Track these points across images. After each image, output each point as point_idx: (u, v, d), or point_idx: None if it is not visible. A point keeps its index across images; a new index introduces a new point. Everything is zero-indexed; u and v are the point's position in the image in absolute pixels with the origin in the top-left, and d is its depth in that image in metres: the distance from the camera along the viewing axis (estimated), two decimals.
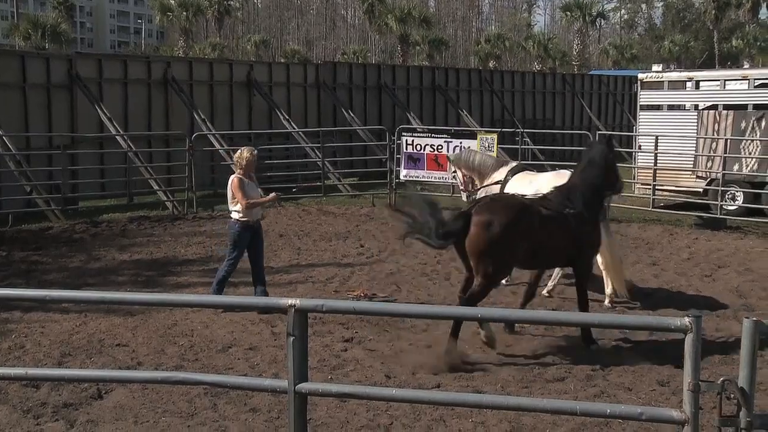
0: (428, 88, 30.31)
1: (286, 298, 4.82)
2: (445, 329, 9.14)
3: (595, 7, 71.70)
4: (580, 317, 7.61)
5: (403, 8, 66.81)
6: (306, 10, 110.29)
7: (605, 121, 36.53)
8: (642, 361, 8.17)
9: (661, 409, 5.39)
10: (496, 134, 18.81)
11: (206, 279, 11.96)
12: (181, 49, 63.98)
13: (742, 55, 75.81)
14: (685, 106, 19.44)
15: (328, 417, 6.71)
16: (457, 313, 6.94)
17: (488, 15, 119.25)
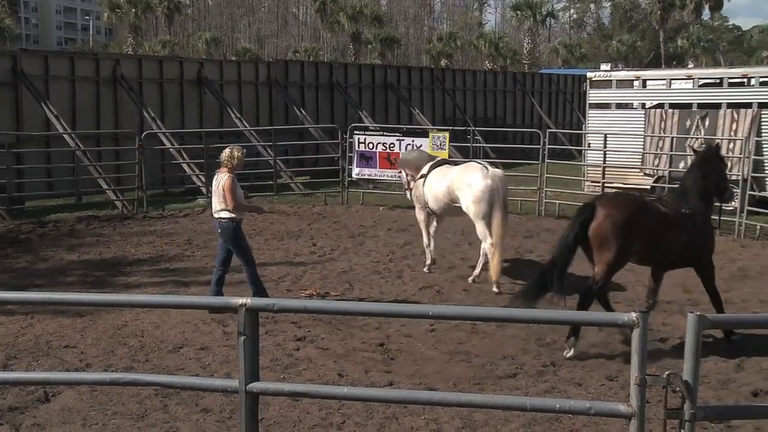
0: (380, 86, 30.35)
1: (237, 298, 4.80)
2: (397, 327, 9.20)
3: (544, 6, 72.49)
4: (531, 314, 7.66)
5: (355, 6, 66.84)
6: (257, 8, 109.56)
7: (555, 120, 36.97)
8: (592, 356, 8.30)
9: (609, 403, 5.47)
10: (447, 132, 18.92)
11: (157, 279, 11.85)
12: (130, 47, 63.16)
13: (686, 54, 77.32)
14: (633, 104, 19.79)
15: (281, 416, 6.69)
16: (409, 311, 6.95)
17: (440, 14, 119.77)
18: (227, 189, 9.81)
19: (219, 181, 9.94)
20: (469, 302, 10.55)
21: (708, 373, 7.72)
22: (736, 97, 18.00)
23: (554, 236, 15.24)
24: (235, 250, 10.04)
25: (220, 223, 9.94)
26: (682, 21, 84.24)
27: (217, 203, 9.93)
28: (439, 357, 8.29)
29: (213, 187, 10.10)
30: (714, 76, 19.45)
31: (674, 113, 18.29)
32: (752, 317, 7.19)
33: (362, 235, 15.46)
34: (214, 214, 10.03)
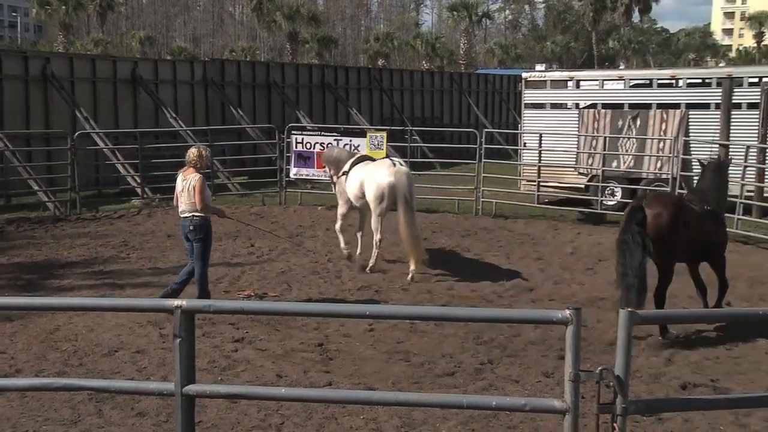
0: (318, 86, 30.29)
1: (173, 300, 4.75)
2: (336, 327, 9.20)
3: (480, 7, 73.25)
4: (468, 313, 7.75)
5: (292, 6, 66.54)
6: (192, 7, 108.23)
7: (492, 119, 37.37)
8: (529, 353, 8.43)
9: (544, 399, 5.57)
10: (385, 132, 18.95)
11: (91, 281, 11.63)
12: (61, 45, 61.77)
13: (618, 56, 79.02)
14: (567, 104, 20.10)
15: (218, 419, 6.64)
16: (347, 311, 6.97)
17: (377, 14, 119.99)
18: (198, 190, 9.76)
19: (189, 180, 9.85)
20: (407, 302, 10.60)
21: (640, 367, 7.91)
22: (665, 97, 18.46)
23: (490, 235, 15.49)
24: (201, 245, 9.95)
25: (193, 221, 9.86)
26: (614, 23, 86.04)
27: (188, 203, 9.84)
28: (377, 356, 8.32)
29: (179, 186, 9.97)
30: (644, 77, 19.91)
31: (607, 113, 18.65)
32: (681, 313, 7.39)
33: (300, 235, 15.41)
34: (184, 213, 9.92)
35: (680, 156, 15.94)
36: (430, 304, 10.25)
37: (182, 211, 9.93)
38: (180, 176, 10.00)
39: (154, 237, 15.20)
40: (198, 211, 9.83)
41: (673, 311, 8.68)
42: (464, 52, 71.73)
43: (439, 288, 11.34)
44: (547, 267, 12.82)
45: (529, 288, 11.38)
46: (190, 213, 9.88)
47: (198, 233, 9.89)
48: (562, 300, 10.62)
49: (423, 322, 9.16)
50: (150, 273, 12.24)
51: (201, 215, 9.85)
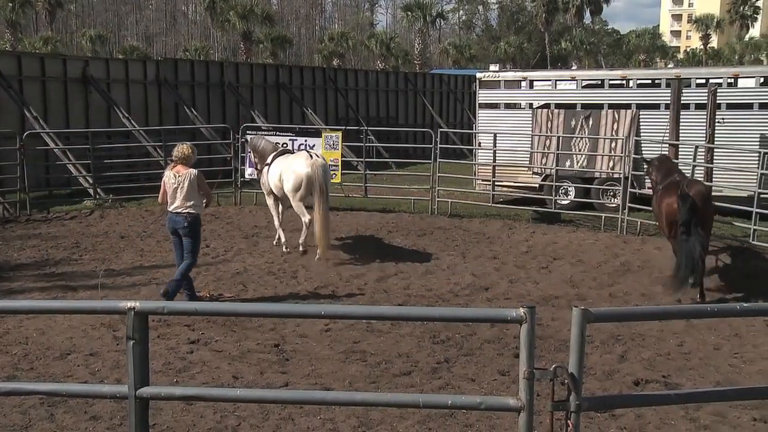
0: (272, 86, 30.15)
1: (126, 301, 4.69)
2: (292, 328, 9.17)
3: (434, 7, 73.57)
4: (424, 312, 7.78)
5: (246, 5, 66.10)
6: (144, 5, 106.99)
7: (447, 119, 37.54)
8: (485, 352, 8.49)
9: (499, 397, 5.62)
10: (340, 132, 18.95)
11: (42, 284, 11.44)
12: (8, 43, 60.60)
13: (570, 56, 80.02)
14: (521, 104, 20.27)
15: (174, 421, 6.58)
16: (302, 311, 6.94)
17: (331, 14, 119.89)
18: (203, 183, 10.34)
19: (186, 177, 10.15)
20: (363, 301, 10.61)
21: (593, 365, 8.02)
22: (616, 97, 18.72)
23: (446, 234, 15.57)
24: (193, 240, 10.29)
25: (188, 217, 10.15)
26: (566, 24, 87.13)
27: (182, 199, 10.13)
28: (334, 356, 8.31)
29: (171, 183, 10.19)
30: (596, 77, 20.15)
31: (560, 113, 18.86)
32: (633, 310, 7.50)
33: (256, 235, 15.32)
34: (178, 209, 10.15)
35: (632, 155, 16.18)
36: (386, 304, 10.27)
37: (175, 207, 10.15)
38: (169, 173, 10.23)
39: (107, 238, 15.00)
40: (196, 206, 10.21)
41: (627, 309, 8.81)
42: (419, 52, 72.08)
43: (395, 287, 11.37)
44: (502, 266, 12.92)
45: (484, 287, 11.46)
46: (184, 209, 10.16)
47: (192, 228, 10.23)
48: (518, 299, 10.72)
49: (379, 321, 9.19)
50: (103, 274, 12.07)
51: (195, 211, 10.23)
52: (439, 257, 13.54)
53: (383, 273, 12.23)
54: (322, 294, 10.97)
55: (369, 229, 16.07)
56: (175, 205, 10.17)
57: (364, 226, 16.42)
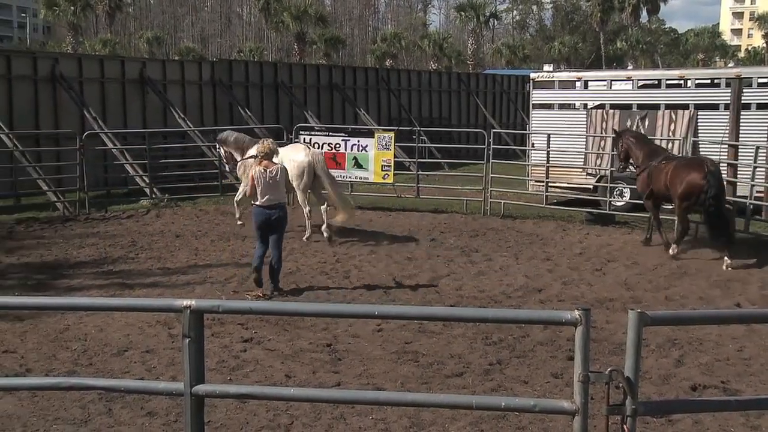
0: (325, 86, 30.30)
1: (182, 299, 4.75)
2: (344, 327, 9.21)
3: (488, 7, 73.20)
4: (478, 313, 7.75)
5: (299, 6, 66.57)
6: (200, 7, 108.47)
7: (500, 120, 37.32)
8: (537, 354, 8.41)
9: (553, 400, 5.56)
10: (393, 133, 18.96)
11: (100, 281, 11.67)
12: (69, 45, 61.98)
13: (626, 56, 78.88)
14: (575, 105, 20.05)
15: (227, 419, 6.64)
16: (356, 311, 6.96)
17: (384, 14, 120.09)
18: (294, 176, 11.39)
19: (276, 171, 10.69)
20: (415, 302, 10.60)
21: (649, 369, 7.89)
22: (673, 98, 18.40)
23: (499, 235, 15.49)
24: (281, 232, 10.99)
25: (279, 210, 10.78)
26: (622, 23, 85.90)
27: (274, 192, 10.69)
28: (386, 357, 8.31)
29: (263, 178, 10.61)
30: (652, 77, 19.85)
31: (615, 113, 18.61)
32: (691, 314, 7.36)
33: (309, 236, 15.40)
34: (270, 202, 10.67)
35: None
36: (438, 305, 10.24)
37: (267, 201, 10.65)
38: (258, 169, 10.66)
39: (162, 237, 15.23)
40: (282, 200, 10.87)
41: (684, 312, 8.65)
42: (472, 52, 71.74)
43: (447, 288, 11.34)
44: (555, 268, 12.80)
45: (537, 288, 11.36)
46: (276, 202, 10.73)
47: (283, 220, 10.90)
48: (571, 301, 10.60)
49: (431, 322, 9.16)
50: (159, 273, 12.27)
51: (284, 203, 10.94)
52: (492, 258, 13.46)
53: (435, 274, 12.20)
54: (374, 294, 10.98)
55: (421, 230, 16.05)
56: (266, 198, 10.63)
57: (416, 227, 16.41)
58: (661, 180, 13.70)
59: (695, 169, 13.09)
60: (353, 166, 18.60)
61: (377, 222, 17.05)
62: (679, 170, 13.35)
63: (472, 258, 13.50)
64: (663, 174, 13.69)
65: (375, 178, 18.66)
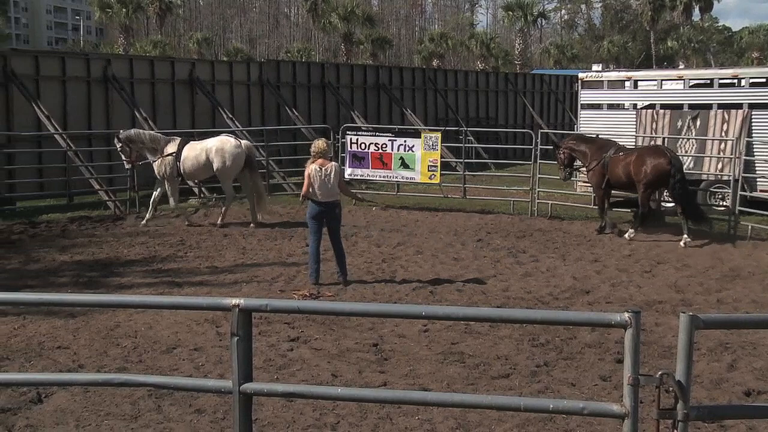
0: (372, 86, 30.36)
1: (230, 298, 4.79)
2: (390, 327, 9.21)
3: (536, 6, 72.61)
4: (525, 314, 7.69)
5: (347, 7, 66.79)
6: (248, 8, 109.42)
7: (547, 120, 37.03)
8: (585, 356, 8.32)
9: (602, 403, 5.48)
10: (440, 133, 18.92)
11: (150, 279, 11.83)
12: (121, 47, 63.00)
13: (677, 55, 77.59)
14: (624, 105, 19.81)
15: (274, 417, 6.69)
16: (402, 311, 6.96)
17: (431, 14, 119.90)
18: (342, 177, 11.82)
19: (332, 169, 11.22)
20: (462, 302, 10.56)
21: (701, 372, 7.76)
22: (726, 97, 18.06)
23: (546, 236, 15.37)
24: (338, 226, 11.62)
25: (337, 206, 11.41)
26: (673, 22, 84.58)
27: (331, 189, 11.22)
28: (432, 357, 8.29)
29: (320, 175, 11.11)
30: (705, 76, 19.50)
31: (665, 113, 18.33)
32: (745, 317, 7.22)
33: (355, 235, 15.44)
34: (328, 199, 11.23)
35: (742, 157, 15.60)
36: (485, 306, 10.19)
37: (325, 197, 11.17)
38: (314, 167, 11.08)
39: (210, 236, 15.40)
40: (337, 196, 11.38)
41: (737, 315, 8.49)
42: (519, 52, 71.26)
43: (493, 289, 11.28)
44: (603, 269, 12.65)
45: (585, 290, 11.25)
46: (333, 198, 11.29)
47: (339, 215, 11.55)
48: (620, 303, 10.48)
49: (478, 323, 9.13)
50: (207, 272, 12.40)
51: (339, 200, 11.48)
52: (539, 259, 13.36)
53: (481, 274, 12.15)
54: (420, 294, 10.97)
55: (468, 231, 16.00)
56: (325, 195, 11.14)
57: (462, 227, 16.36)
58: (619, 170, 14.94)
59: (659, 156, 14.55)
60: (400, 167, 18.61)
61: (423, 222, 17.04)
62: (644, 158, 14.64)
63: (518, 259, 13.42)
64: (621, 164, 14.94)
65: (421, 178, 18.65)
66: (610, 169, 15.19)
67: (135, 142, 16.18)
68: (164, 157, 16.01)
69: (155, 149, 16.12)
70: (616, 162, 15.11)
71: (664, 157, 14.52)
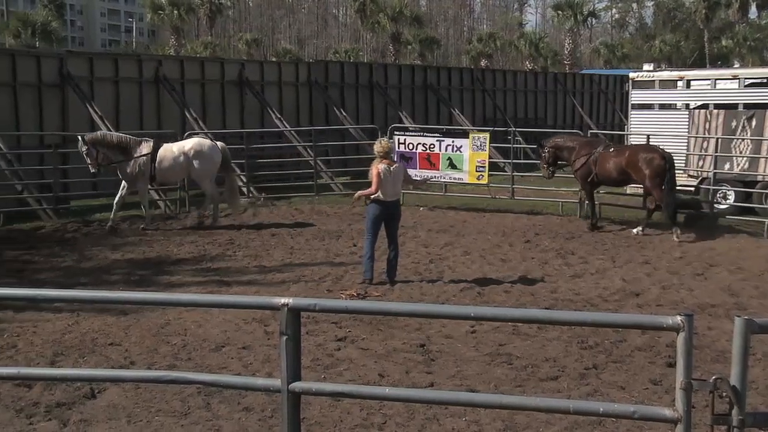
0: (420, 87, 30.32)
1: (279, 297, 4.81)
2: (437, 328, 9.19)
3: (586, 6, 71.87)
4: (575, 316, 7.60)
5: (395, 7, 66.87)
6: (297, 9, 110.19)
7: (597, 120, 36.61)
8: (635, 359, 8.21)
9: (653, 407, 5.40)
10: (488, 133, 18.82)
11: (199, 278, 11.97)
12: (172, 48, 63.92)
13: (732, 54, 76.05)
14: (677, 105, 19.51)
15: (322, 416, 6.71)
16: (450, 312, 6.93)
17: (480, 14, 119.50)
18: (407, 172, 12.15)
19: (399, 168, 11.58)
20: (509, 304, 10.50)
21: (755, 378, 7.59)
22: None
23: (595, 238, 15.21)
24: (398, 225, 11.83)
25: (399, 204, 11.84)
26: (728, 20, 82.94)
27: (397, 188, 11.61)
28: (480, 358, 8.25)
29: (389, 174, 11.28)
30: (761, 75, 19.10)
31: (719, 114, 18.00)
32: None
33: (403, 235, 15.41)
34: (394, 197, 11.55)
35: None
36: (533, 307, 10.11)
37: (391, 196, 11.45)
38: (383, 167, 11.28)
39: (259, 235, 15.52)
40: (400, 195, 11.93)
41: None
42: (569, 52, 70.58)
43: (541, 291, 11.19)
44: (654, 271, 12.47)
45: (635, 292, 11.09)
46: (397, 197, 11.74)
47: (400, 213, 11.91)
48: (670, 306, 10.31)
49: (525, 324, 9.05)
50: (255, 271, 12.51)
51: (399, 198, 11.97)
52: (588, 261, 13.22)
53: (530, 276, 12.06)
54: (468, 295, 10.93)
55: (516, 231, 15.89)
56: (391, 194, 11.39)
57: (510, 228, 16.26)
58: (610, 165, 15.53)
59: (653, 152, 15.27)
60: (447, 167, 18.55)
61: (471, 223, 16.97)
62: (639, 154, 15.23)
63: (567, 260, 13.29)
64: (612, 160, 15.51)
65: (469, 178, 18.57)
66: (600, 164, 15.67)
67: (102, 144, 15.77)
68: (137, 159, 15.79)
69: (124, 150, 15.82)
70: (606, 158, 15.59)
71: (657, 153, 15.21)
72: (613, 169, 15.54)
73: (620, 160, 15.42)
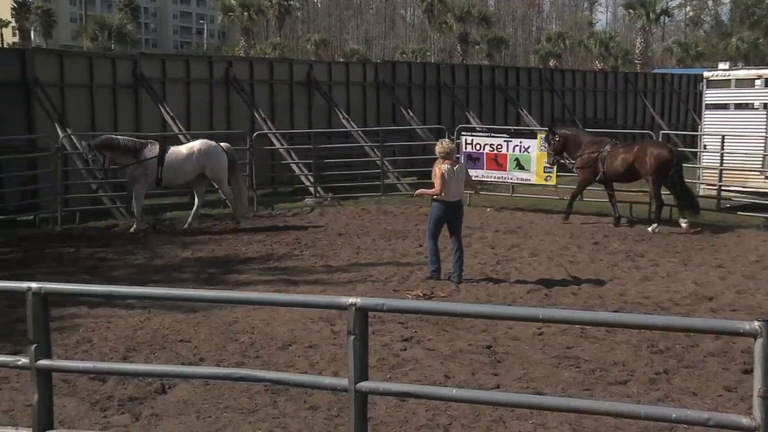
0: (488, 87, 30.12)
1: (347, 297, 4.83)
2: (504, 330, 9.11)
3: (659, 4, 70.49)
4: (645, 320, 7.45)
5: (463, 7, 66.67)
6: (365, 10, 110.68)
7: (669, 121, 35.88)
8: (708, 365, 8.01)
9: (729, 415, 5.25)
10: None
11: (267, 277, 12.10)
12: (242, 49, 64.90)
13: None
14: (754, 104, 18.98)
15: (388, 416, 6.71)
16: (517, 313, 6.86)
17: (548, 13, 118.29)
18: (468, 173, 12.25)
19: (462, 169, 11.77)
20: (577, 306, 10.35)
21: None
22: None
23: (666, 240, 14.90)
24: (461, 224, 11.92)
25: (462, 205, 11.92)
26: None
27: (460, 188, 11.72)
28: (547, 361, 8.16)
29: (452, 175, 11.40)
30: None
31: None
32: None
33: (469, 236, 15.35)
34: (457, 197, 11.68)
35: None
36: (601, 310, 9.95)
37: (455, 196, 11.58)
38: (447, 167, 11.37)
39: (325, 235, 15.62)
40: (462, 195, 11.97)
41: None
42: (640, 51, 69.31)
43: (610, 293, 11.01)
44: (728, 275, 12.15)
45: (708, 297, 10.82)
46: (460, 197, 11.84)
47: (463, 215, 11.98)
48: (746, 311, 10.03)
49: (593, 327, 8.91)
50: (322, 270, 12.59)
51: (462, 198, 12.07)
52: (658, 264, 12.95)
53: (598, 278, 11.87)
54: (535, 297, 10.82)
55: (584, 233, 15.67)
56: (454, 194, 11.52)
57: (579, 230, 16.04)
58: (618, 162, 15.97)
59: (662, 147, 15.99)
60: (515, 168, 18.40)
61: (539, 224, 16.79)
62: (647, 150, 15.76)
63: (637, 263, 13.05)
64: (621, 156, 15.98)
65: (537, 179, 18.38)
66: (608, 162, 16.11)
67: (108, 148, 15.66)
68: (142, 161, 15.71)
69: (131, 153, 15.75)
70: (616, 154, 16.06)
71: (665, 148, 15.99)
72: (621, 167, 15.95)
73: (628, 156, 15.86)
